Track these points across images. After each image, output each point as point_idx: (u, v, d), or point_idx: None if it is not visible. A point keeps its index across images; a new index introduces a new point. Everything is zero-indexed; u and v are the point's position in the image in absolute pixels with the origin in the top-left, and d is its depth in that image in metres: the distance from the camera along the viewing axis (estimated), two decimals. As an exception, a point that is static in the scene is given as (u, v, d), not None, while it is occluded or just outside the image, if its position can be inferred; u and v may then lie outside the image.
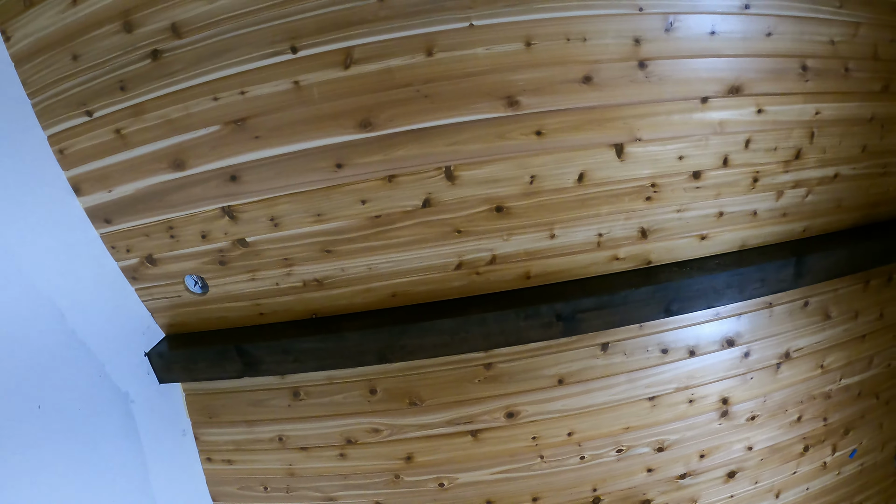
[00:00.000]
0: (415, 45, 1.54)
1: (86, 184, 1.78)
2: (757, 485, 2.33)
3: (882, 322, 2.31)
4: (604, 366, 1.98)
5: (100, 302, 1.84)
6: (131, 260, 1.89)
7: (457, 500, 2.12)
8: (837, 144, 1.91)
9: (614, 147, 1.69)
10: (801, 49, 1.72)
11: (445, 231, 1.77)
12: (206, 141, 1.66)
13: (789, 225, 2.02)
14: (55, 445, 1.62)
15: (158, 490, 1.94)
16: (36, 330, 1.63)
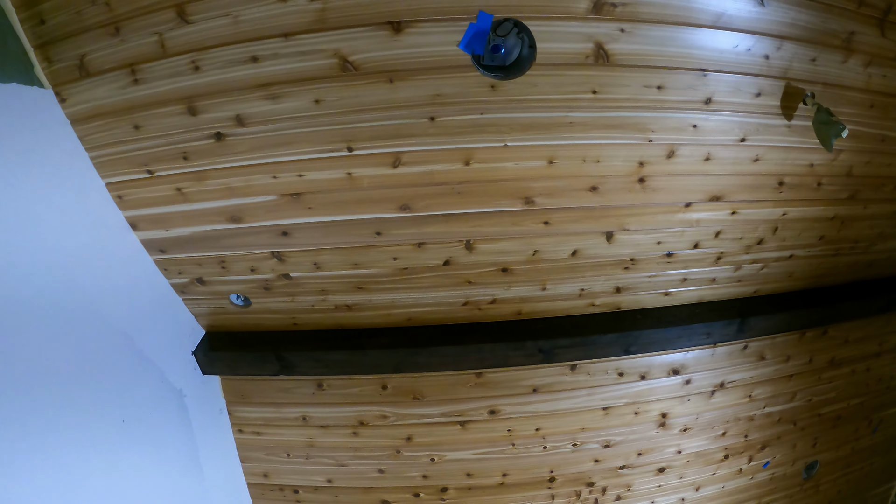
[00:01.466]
0: (456, 157, 2.15)
1: (143, 223, 2.35)
2: (682, 479, 3.48)
3: (810, 366, 3.33)
4: (570, 381, 2.92)
5: (153, 316, 2.54)
6: (182, 279, 2.56)
7: (444, 471, 3.16)
8: (797, 235, 2.72)
9: (605, 234, 2.43)
10: (782, 170, 2.44)
11: (459, 281, 2.53)
12: (263, 205, 2.27)
13: (743, 287, 2.89)
14: (132, 442, 2.42)
15: (204, 457, 2.84)
16: (111, 353, 2.32)
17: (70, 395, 2.03)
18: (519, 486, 3.29)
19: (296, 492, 3.25)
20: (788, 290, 3.02)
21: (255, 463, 3.19)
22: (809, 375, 3.40)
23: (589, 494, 3.40)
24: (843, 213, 2.72)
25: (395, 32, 1.88)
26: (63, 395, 2.00)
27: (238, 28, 1.88)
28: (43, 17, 1.88)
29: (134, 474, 2.38)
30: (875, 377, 3.70)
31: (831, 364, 3.44)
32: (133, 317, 2.38)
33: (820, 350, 3.32)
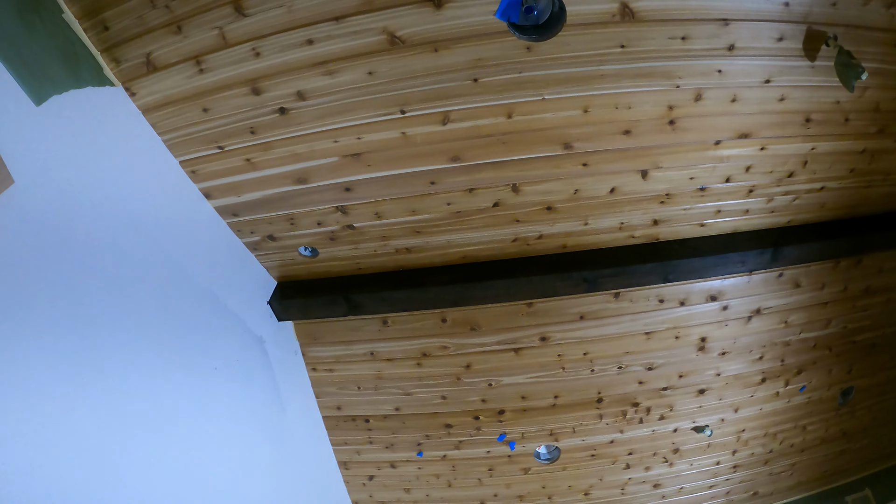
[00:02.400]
0: (498, 111, 2.62)
1: (216, 192, 2.88)
2: (721, 400, 4.06)
3: (845, 294, 3.78)
4: (614, 308, 3.49)
5: (232, 273, 3.11)
6: (254, 238, 3.12)
7: (500, 395, 3.82)
8: (827, 168, 3.11)
9: (640, 172, 2.91)
10: (809, 108, 2.80)
11: (507, 220, 3.06)
12: (326, 166, 2.79)
13: (776, 218, 3.34)
14: (227, 385, 3.05)
15: (284, 395, 3.49)
16: (200, 310, 2.88)
17: (170, 348, 2.61)
18: (569, 407, 3.93)
19: (367, 421, 3.94)
20: (821, 221, 3.44)
21: (329, 397, 3.86)
22: (844, 303, 3.85)
23: (634, 414, 4.02)
24: (873, 146, 3.06)
25: (437, 8, 2.29)
26: (164, 350, 2.57)
27: (293, 16, 2.29)
28: (106, 24, 2.25)
29: (228, 414, 3.01)
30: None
31: (866, 292, 3.85)
32: (215, 276, 2.96)
33: (855, 278, 3.76)
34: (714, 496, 4.77)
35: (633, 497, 4.60)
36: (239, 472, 3.08)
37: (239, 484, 3.06)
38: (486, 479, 4.32)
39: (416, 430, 3.99)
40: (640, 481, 4.49)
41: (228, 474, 2.98)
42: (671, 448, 4.31)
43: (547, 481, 4.38)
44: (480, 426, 3.97)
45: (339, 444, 4.10)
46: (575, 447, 4.18)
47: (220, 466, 2.91)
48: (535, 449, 4.18)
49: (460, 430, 3.98)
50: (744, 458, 4.55)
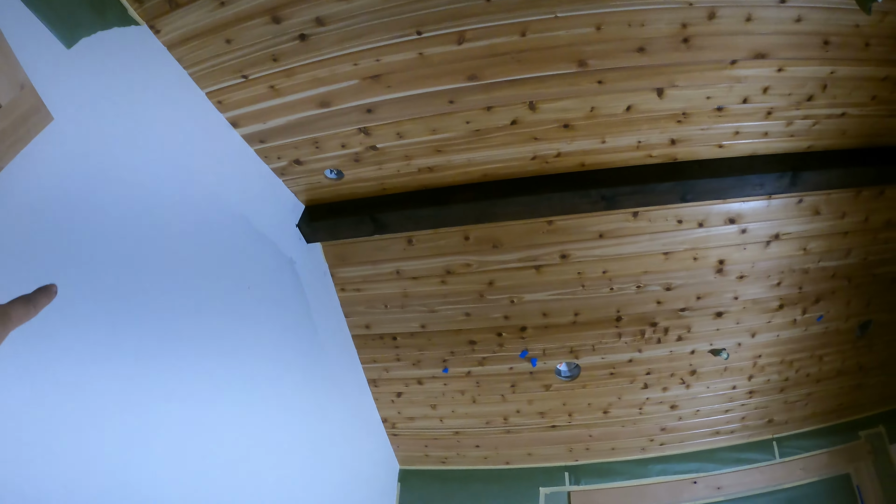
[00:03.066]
0: (512, 30, 2.68)
1: (243, 120, 2.99)
2: (738, 324, 4.16)
3: (866, 225, 3.81)
4: (633, 227, 3.59)
5: (262, 198, 3.25)
6: (281, 163, 3.25)
7: (523, 311, 3.96)
8: (848, 94, 3.10)
9: (656, 90, 2.98)
10: (826, 30, 2.79)
11: (526, 138, 3.16)
12: (347, 89, 2.88)
13: (796, 143, 3.36)
14: (261, 306, 3.21)
15: (316, 314, 3.67)
16: (234, 234, 3.02)
17: (207, 271, 2.76)
18: (589, 325, 4.07)
19: (394, 338, 4.12)
20: (843, 148, 3.45)
21: (358, 317, 4.04)
22: (865, 234, 3.88)
23: (652, 334, 4.15)
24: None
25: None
26: (202, 272, 2.72)
27: (308, -56, 2.38)
28: (126, -33, 2.36)
29: (261, 335, 3.18)
30: None
31: (888, 225, 3.88)
32: (246, 201, 3.10)
33: (876, 210, 3.78)
34: (729, 420, 4.90)
35: (650, 417, 4.76)
36: (271, 390, 3.25)
37: (271, 403, 3.24)
38: (508, 396, 4.51)
39: (441, 347, 4.16)
40: (657, 401, 4.65)
41: (262, 393, 3.16)
42: (688, 370, 4.44)
43: (567, 398, 4.56)
44: (503, 343, 4.13)
45: (368, 363, 4.29)
46: (594, 365, 4.34)
47: (255, 385, 3.09)
48: (556, 366, 4.35)
49: (484, 346, 4.15)
50: (759, 384, 4.67)
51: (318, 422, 3.76)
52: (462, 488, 4.98)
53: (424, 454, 5.00)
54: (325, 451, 3.84)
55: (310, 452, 3.65)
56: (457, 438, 4.84)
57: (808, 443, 5.04)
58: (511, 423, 4.72)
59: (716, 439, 5.07)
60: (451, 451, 4.96)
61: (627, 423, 4.79)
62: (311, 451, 3.66)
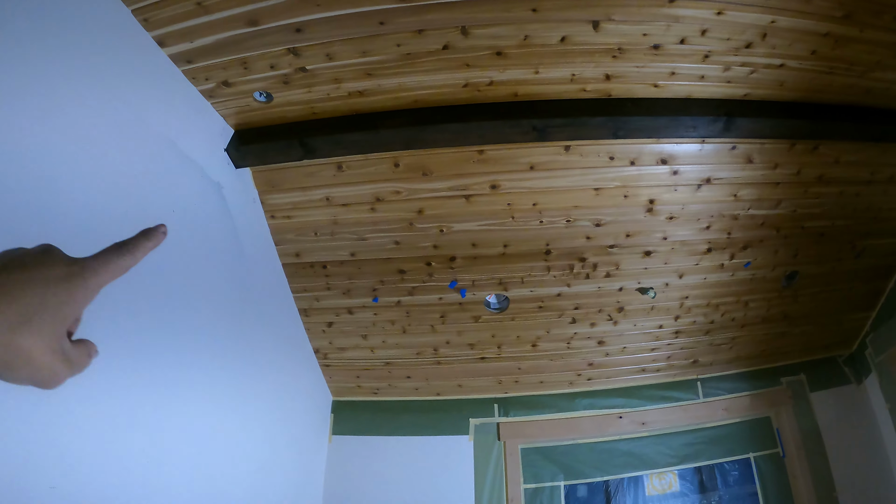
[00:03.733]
0: None
1: (169, 39, 2.87)
2: (666, 265, 4.25)
3: (798, 178, 3.89)
4: (564, 161, 3.60)
5: (189, 121, 3.16)
6: (209, 85, 3.15)
7: (452, 241, 3.97)
8: (788, 45, 3.11)
9: (591, 22, 2.95)
10: None
11: (458, 65, 3.12)
12: (277, 6, 2.77)
13: (732, 89, 3.38)
14: (183, 232, 3.14)
15: (245, 241, 3.62)
16: (159, 157, 2.94)
17: (126, 192, 2.68)
18: (518, 257, 4.11)
19: (324, 266, 4.10)
20: (780, 100, 3.48)
21: (288, 244, 3.99)
22: (796, 187, 3.98)
23: (581, 269, 4.21)
24: (838, 31, 3.01)
25: None
26: (119, 190, 2.64)
27: None
28: None
29: (185, 261, 3.12)
30: (864, 204, 4.22)
31: (820, 180, 3.97)
32: (172, 123, 3.02)
33: (809, 164, 3.86)
34: (655, 359, 5.06)
35: (577, 352, 4.87)
36: (198, 319, 3.22)
37: (197, 334, 3.21)
38: (438, 326, 4.55)
39: (371, 276, 4.15)
40: (585, 337, 4.75)
41: (187, 323, 3.12)
42: (616, 307, 4.53)
43: (496, 331, 4.62)
44: (433, 273, 4.15)
45: (299, 292, 4.27)
46: (523, 298, 4.39)
47: (179, 310, 3.06)
48: (485, 298, 4.39)
49: (413, 276, 4.16)
50: (686, 325, 4.80)
51: (249, 353, 3.74)
52: (394, 419, 5.05)
53: (357, 385, 5.03)
54: (257, 384, 3.84)
55: (241, 385, 3.65)
56: (388, 369, 4.88)
57: (732, 385, 5.24)
58: (441, 355, 4.77)
59: (642, 376, 5.22)
60: (382, 382, 5.00)
61: (556, 357, 4.88)
62: (242, 384, 3.66)
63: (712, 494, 5.03)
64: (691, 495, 5.02)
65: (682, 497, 5.01)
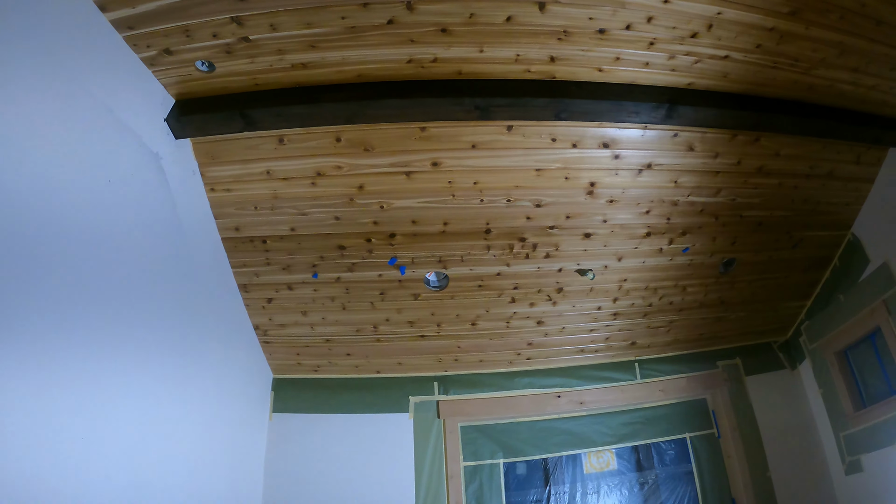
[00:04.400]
0: None
1: (111, 4, 2.76)
2: (605, 247, 4.32)
3: (738, 168, 4.01)
4: (507, 140, 3.63)
5: (129, 89, 3.07)
6: (150, 52, 3.05)
7: (392, 218, 3.98)
8: (733, 37, 3.19)
9: (538, 3, 2.94)
10: None
11: (402, 40, 3.09)
12: None
13: (676, 77, 3.44)
14: (118, 202, 3.05)
15: (182, 216, 3.56)
16: (95, 124, 2.84)
17: (59, 157, 2.60)
18: (459, 235, 4.13)
19: (264, 241, 4.05)
20: (723, 91, 3.57)
21: (228, 218, 3.93)
22: (736, 176, 4.09)
23: (521, 249, 4.25)
24: (783, 27, 3.13)
25: None
26: (54, 158, 2.56)
27: None
28: None
29: (121, 232, 3.05)
30: (802, 196, 4.38)
31: (759, 171, 4.10)
32: (111, 90, 2.93)
33: (750, 155, 3.97)
34: (594, 340, 5.15)
35: (517, 331, 4.92)
36: (134, 293, 3.16)
37: (134, 306, 3.15)
38: (378, 304, 4.54)
39: (311, 251, 4.11)
40: (524, 316, 4.79)
41: (122, 294, 3.06)
42: (555, 287, 4.59)
43: (436, 308, 4.63)
44: (372, 249, 4.13)
45: (239, 267, 4.21)
46: (463, 276, 4.41)
47: (114, 283, 2.99)
48: (425, 275, 4.40)
49: (353, 252, 4.14)
50: (624, 307, 4.89)
51: (188, 329, 3.69)
52: (334, 396, 5.02)
53: (297, 362, 4.99)
54: (195, 361, 3.79)
55: (179, 362, 3.59)
56: (328, 346, 4.85)
57: (669, 367, 5.40)
58: (381, 332, 4.75)
59: (581, 357, 5.32)
60: (322, 360, 4.97)
61: (495, 336, 4.92)
62: (180, 361, 3.60)
63: (649, 473, 5.20)
64: (628, 473, 5.18)
65: (620, 475, 5.16)
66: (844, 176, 4.37)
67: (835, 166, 4.26)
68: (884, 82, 3.67)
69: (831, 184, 4.39)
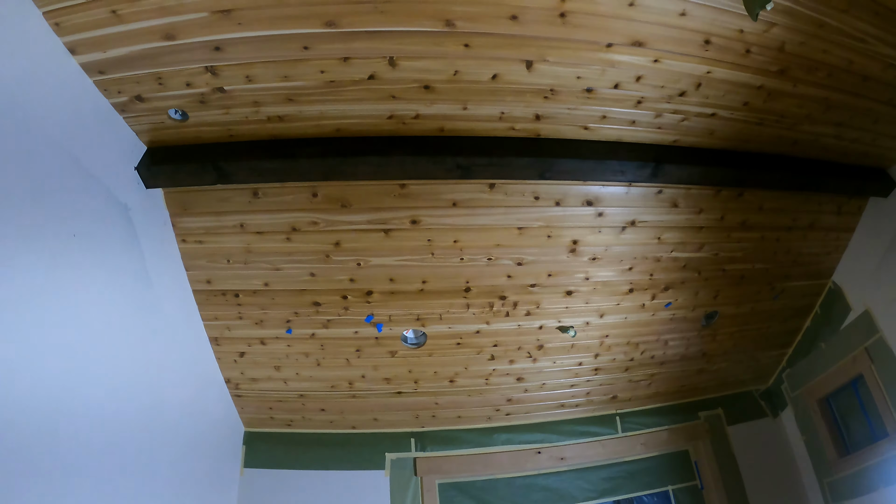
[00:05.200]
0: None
1: (81, 47, 2.65)
2: (587, 304, 4.23)
3: (721, 223, 3.96)
4: (488, 199, 3.52)
5: (97, 135, 2.93)
6: (121, 98, 2.93)
7: (369, 276, 3.84)
8: (721, 95, 3.17)
9: (525, 62, 2.87)
10: (710, 30, 2.81)
11: (383, 96, 3.00)
12: (195, 22, 2.60)
13: (663, 135, 3.40)
14: (88, 254, 2.92)
15: (151, 268, 3.41)
16: (59, 173, 2.71)
17: (22, 213, 2.47)
18: (437, 294, 4.01)
19: (236, 295, 3.89)
20: (709, 147, 3.55)
21: (199, 271, 3.77)
22: (719, 231, 4.05)
23: (501, 307, 4.14)
24: (771, 85, 3.15)
25: None
26: (15, 214, 2.43)
27: None
28: None
29: (88, 287, 2.92)
30: (784, 248, 4.35)
31: (742, 226, 4.06)
32: (77, 137, 2.79)
33: (733, 210, 3.93)
34: (574, 395, 5.03)
35: (496, 387, 4.78)
36: (104, 348, 3.03)
37: (105, 361, 3.03)
38: (354, 360, 4.39)
39: (285, 307, 3.97)
40: (503, 373, 4.67)
41: (92, 351, 2.93)
42: (535, 344, 4.48)
43: (413, 366, 4.49)
44: (349, 306, 3.99)
45: (210, 320, 4.04)
46: (441, 334, 4.28)
47: (83, 343, 2.86)
48: (403, 333, 4.26)
49: (329, 308, 3.99)
50: (605, 362, 4.80)
51: (156, 382, 3.55)
52: (308, 451, 4.85)
53: (269, 416, 4.81)
54: (165, 414, 3.65)
55: (148, 416, 3.45)
56: (302, 401, 4.68)
57: (650, 420, 5.29)
58: (356, 388, 4.60)
59: (561, 412, 5.19)
60: (296, 415, 4.80)
61: (474, 392, 4.79)
62: (149, 415, 3.47)
63: (632, 527, 5.02)
64: (611, 528, 4.99)
65: (602, 530, 4.97)
66: (825, 226, 4.37)
67: (816, 217, 4.26)
68: (866, 135, 3.71)
69: (812, 234, 4.38)
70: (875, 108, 3.47)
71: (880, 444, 4.34)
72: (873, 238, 4.37)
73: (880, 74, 3.23)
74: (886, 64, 3.17)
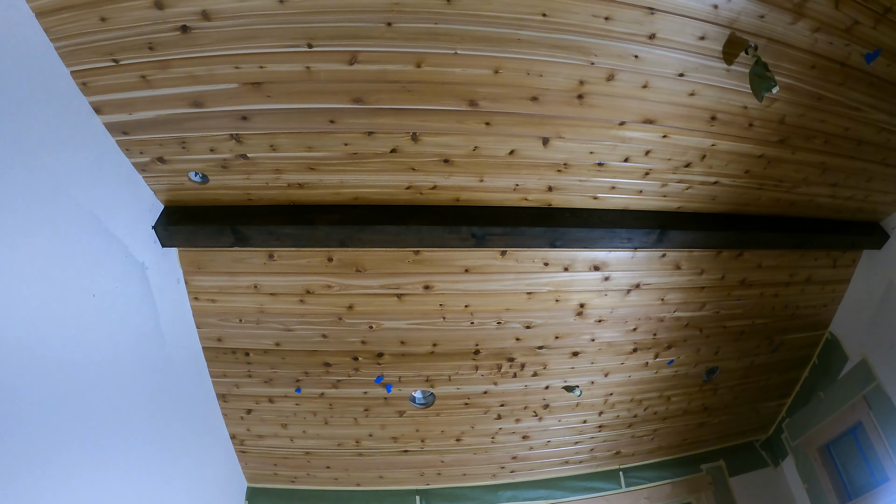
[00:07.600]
0: (408, 59, 2.61)
1: (107, 108, 2.73)
2: (593, 364, 4.30)
3: (722, 282, 4.07)
4: (499, 265, 3.61)
5: (116, 195, 2.97)
6: (143, 159, 3.00)
7: (380, 338, 3.91)
8: (724, 165, 3.33)
9: (542, 139, 2.99)
10: (716, 107, 2.99)
11: (403, 167, 3.08)
12: (224, 92, 2.70)
13: (667, 202, 3.53)
14: (106, 314, 2.95)
15: (164, 325, 3.44)
16: (82, 233, 2.74)
17: (46, 273, 2.52)
18: (447, 356, 4.08)
19: (247, 354, 3.94)
20: (711, 212, 3.68)
21: (210, 328, 3.82)
22: (720, 290, 4.16)
23: (509, 368, 4.21)
24: (771, 154, 3.34)
25: (358, -56, 2.28)
26: (40, 274, 2.48)
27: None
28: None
29: (104, 343, 2.95)
30: (782, 303, 4.46)
31: (742, 284, 4.17)
32: (99, 197, 2.83)
33: (733, 269, 4.05)
34: (578, 451, 5.07)
35: (502, 446, 4.82)
36: (115, 401, 3.05)
37: (115, 414, 3.05)
38: (361, 419, 4.42)
39: (295, 366, 4.01)
40: (509, 432, 4.71)
41: (104, 405, 2.96)
42: (541, 403, 4.53)
43: (421, 425, 4.53)
44: (359, 367, 4.04)
45: (219, 377, 4.08)
46: (449, 395, 4.33)
47: (95, 398, 2.89)
48: (411, 393, 4.31)
49: (339, 369, 4.04)
50: (609, 419, 4.85)
51: (162, 434, 3.55)
52: (311, 509, 4.84)
53: (273, 472, 4.83)
54: (169, 467, 3.65)
55: (151, 467, 3.46)
56: (307, 459, 4.71)
57: (653, 474, 5.33)
58: (363, 447, 4.63)
59: (565, 468, 5.22)
60: (300, 471, 4.82)
61: (479, 450, 4.82)
62: (152, 466, 3.47)
63: (637, 582, 5.04)
64: (616, 584, 5.01)
65: (607, 587, 4.99)
66: (822, 280, 4.47)
67: (812, 272, 4.37)
68: (860, 192, 3.87)
69: (809, 288, 4.48)
70: (869, 168, 3.65)
71: (881, 489, 4.41)
72: (868, 289, 4.47)
73: (874, 137, 3.43)
74: (880, 128, 3.38)
